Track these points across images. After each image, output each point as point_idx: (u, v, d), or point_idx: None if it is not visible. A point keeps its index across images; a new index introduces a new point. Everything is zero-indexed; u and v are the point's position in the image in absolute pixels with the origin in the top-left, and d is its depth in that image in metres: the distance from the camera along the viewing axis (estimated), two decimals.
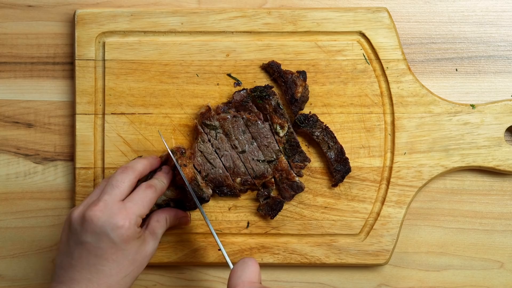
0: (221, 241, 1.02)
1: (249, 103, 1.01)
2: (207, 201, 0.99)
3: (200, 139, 1.00)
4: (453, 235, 1.06)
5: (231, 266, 0.89)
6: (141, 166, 0.95)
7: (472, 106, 1.03)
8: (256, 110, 1.01)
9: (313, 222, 1.03)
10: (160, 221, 0.95)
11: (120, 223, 0.86)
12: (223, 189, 1.01)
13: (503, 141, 1.03)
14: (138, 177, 0.93)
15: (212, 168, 1.00)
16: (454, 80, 1.06)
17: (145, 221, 0.96)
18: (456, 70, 1.06)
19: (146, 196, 0.91)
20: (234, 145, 1.00)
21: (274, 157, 1.00)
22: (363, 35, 1.03)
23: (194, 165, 1.00)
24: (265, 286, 0.85)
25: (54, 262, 0.89)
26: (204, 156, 1.00)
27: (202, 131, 1.00)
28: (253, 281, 0.84)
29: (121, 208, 0.88)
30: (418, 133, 1.03)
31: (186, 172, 0.97)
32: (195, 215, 1.03)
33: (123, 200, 0.89)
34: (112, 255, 0.86)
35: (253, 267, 0.86)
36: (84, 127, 1.03)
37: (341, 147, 1.01)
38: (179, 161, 0.97)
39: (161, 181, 0.95)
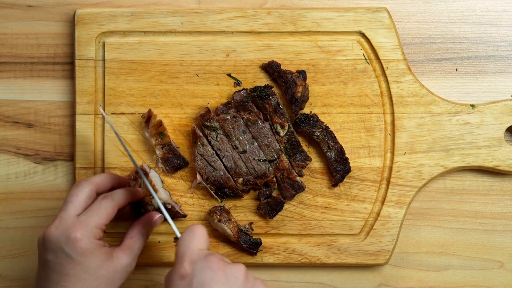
0: (221, 241, 1.02)
1: (249, 103, 1.01)
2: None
3: (199, 143, 1.00)
4: (453, 235, 1.06)
5: (179, 235, 0.88)
6: (99, 179, 0.93)
7: (472, 106, 1.03)
8: (256, 110, 1.01)
9: (313, 222, 1.03)
10: (134, 237, 0.93)
11: (73, 236, 0.86)
12: (225, 191, 1.01)
13: (503, 141, 1.03)
14: (94, 190, 0.91)
15: (213, 171, 1.00)
16: (454, 80, 1.06)
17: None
18: (456, 70, 1.06)
19: (101, 207, 0.89)
20: (235, 145, 1.00)
21: (275, 156, 1.00)
22: (363, 35, 1.03)
23: (197, 169, 1.00)
24: (212, 252, 0.84)
25: None
26: (205, 159, 1.00)
27: (201, 134, 1.00)
28: (200, 248, 0.84)
29: (75, 222, 0.87)
30: (418, 133, 1.03)
31: (231, 228, 1.00)
32: (195, 215, 1.03)
33: (79, 214, 0.89)
34: (71, 270, 0.86)
35: (200, 234, 0.85)
36: (84, 127, 1.03)
37: (341, 147, 1.01)
38: (221, 218, 1.00)
39: (119, 192, 0.93)
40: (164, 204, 0.99)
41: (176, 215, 1.01)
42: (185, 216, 1.02)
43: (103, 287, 0.87)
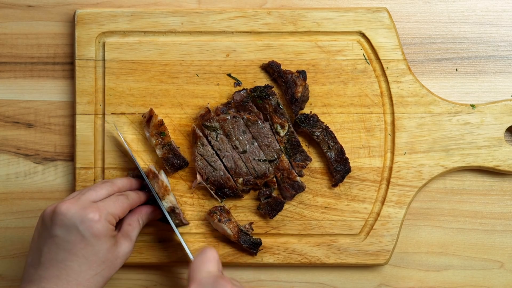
0: (221, 241, 1.02)
1: (249, 103, 1.01)
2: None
3: (199, 143, 1.00)
4: (453, 235, 1.06)
5: (192, 258, 0.90)
6: (121, 182, 0.96)
7: (472, 106, 1.03)
8: (256, 110, 1.01)
9: (313, 222, 1.03)
10: (132, 224, 0.95)
11: (91, 216, 0.86)
12: (225, 191, 1.01)
13: (503, 141, 1.03)
14: (115, 192, 0.94)
15: (213, 171, 1.00)
16: (454, 80, 1.06)
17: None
18: (456, 70, 1.06)
19: (117, 200, 0.91)
20: (235, 145, 1.00)
21: (276, 156, 1.00)
22: (363, 35, 1.03)
23: (197, 170, 1.00)
24: (222, 275, 0.86)
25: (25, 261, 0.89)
26: (205, 159, 1.00)
27: (201, 134, 1.00)
28: (210, 271, 0.86)
29: (93, 205, 0.88)
30: (418, 133, 1.03)
31: (231, 228, 1.00)
32: (195, 215, 1.03)
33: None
34: (81, 250, 0.86)
35: (211, 257, 0.87)
36: (84, 127, 1.03)
37: (341, 147, 1.01)
38: (221, 218, 1.00)
39: (134, 194, 0.96)
40: (173, 209, 0.99)
41: (180, 224, 1.01)
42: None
43: (106, 271, 0.88)
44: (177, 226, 1.00)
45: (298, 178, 1.01)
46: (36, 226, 0.90)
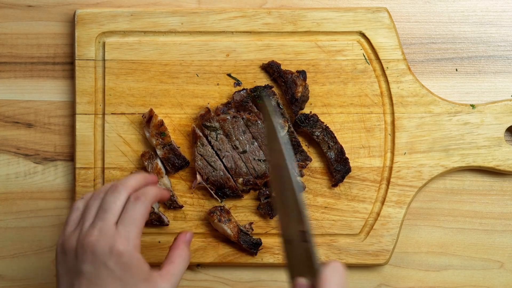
0: (221, 241, 1.02)
1: (249, 103, 1.01)
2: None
3: (199, 143, 1.00)
4: (453, 235, 1.06)
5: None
6: (134, 182, 0.87)
7: (472, 106, 1.03)
8: (256, 110, 1.01)
9: (313, 222, 1.03)
10: (175, 261, 0.87)
11: (115, 249, 0.80)
12: (225, 191, 1.01)
13: (503, 141, 1.03)
14: (129, 194, 0.86)
15: (213, 171, 1.00)
16: (454, 80, 1.06)
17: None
18: (456, 70, 1.06)
19: (135, 212, 0.83)
20: (235, 145, 1.00)
21: None
22: (363, 35, 1.03)
23: (197, 170, 1.00)
24: None
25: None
26: (205, 159, 1.00)
27: (201, 134, 1.00)
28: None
29: (115, 234, 0.81)
30: (418, 133, 1.03)
31: (231, 228, 1.00)
32: (195, 215, 1.03)
33: (117, 222, 0.83)
34: (110, 284, 0.80)
35: (342, 273, 0.75)
36: (84, 127, 1.03)
37: (341, 147, 1.01)
38: (221, 218, 1.00)
39: (150, 191, 0.87)
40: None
41: (173, 204, 1.01)
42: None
43: None
44: (170, 208, 1.01)
45: (298, 178, 1.01)
46: (58, 261, 0.83)
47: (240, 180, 1.01)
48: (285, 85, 1.01)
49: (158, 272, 0.84)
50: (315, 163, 1.03)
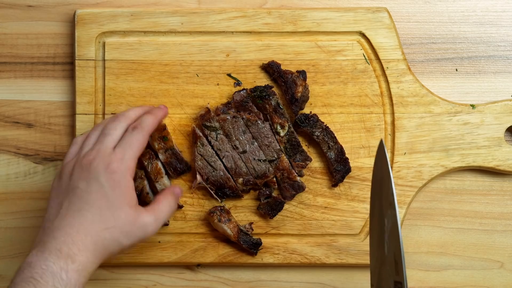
0: (221, 241, 1.02)
1: (249, 103, 1.01)
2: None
3: (199, 143, 1.00)
4: (453, 235, 1.06)
5: None
6: (134, 114, 0.94)
7: (472, 106, 1.03)
8: (256, 110, 1.01)
9: (313, 222, 1.03)
10: (161, 203, 0.91)
11: (110, 166, 0.86)
12: (225, 191, 1.01)
13: (503, 141, 1.03)
14: (129, 124, 0.93)
15: (213, 171, 1.00)
16: (454, 80, 1.06)
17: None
18: (456, 70, 1.06)
19: (133, 139, 0.90)
20: (235, 145, 1.00)
21: (275, 156, 1.00)
22: (363, 35, 1.03)
23: (197, 170, 1.00)
24: None
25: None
26: (205, 159, 1.00)
27: (201, 134, 1.00)
28: None
29: (111, 154, 0.87)
30: (418, 133, 1.03)
31: (231, 228, 1.00)
32: (195, 215, 1.03)
33: (115, 147, 0.90)
34: (97, 200, 0.85)
35: None
36: (84, 127, 1.03)
37: (341, 147, 1.01)
38: (221, 218, 1.00)
39: (146, 119, 0.93)
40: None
41: None
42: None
43: (117, 232, 0.85)
44: None
45: (298, 178, 1.01)
46: (53, 186, 0.89)
47: (240, 180, 1.01)
48: (285, 85, 1.01)
49: (144, 207, 0.89)
50: (315, 163, 1.03)
